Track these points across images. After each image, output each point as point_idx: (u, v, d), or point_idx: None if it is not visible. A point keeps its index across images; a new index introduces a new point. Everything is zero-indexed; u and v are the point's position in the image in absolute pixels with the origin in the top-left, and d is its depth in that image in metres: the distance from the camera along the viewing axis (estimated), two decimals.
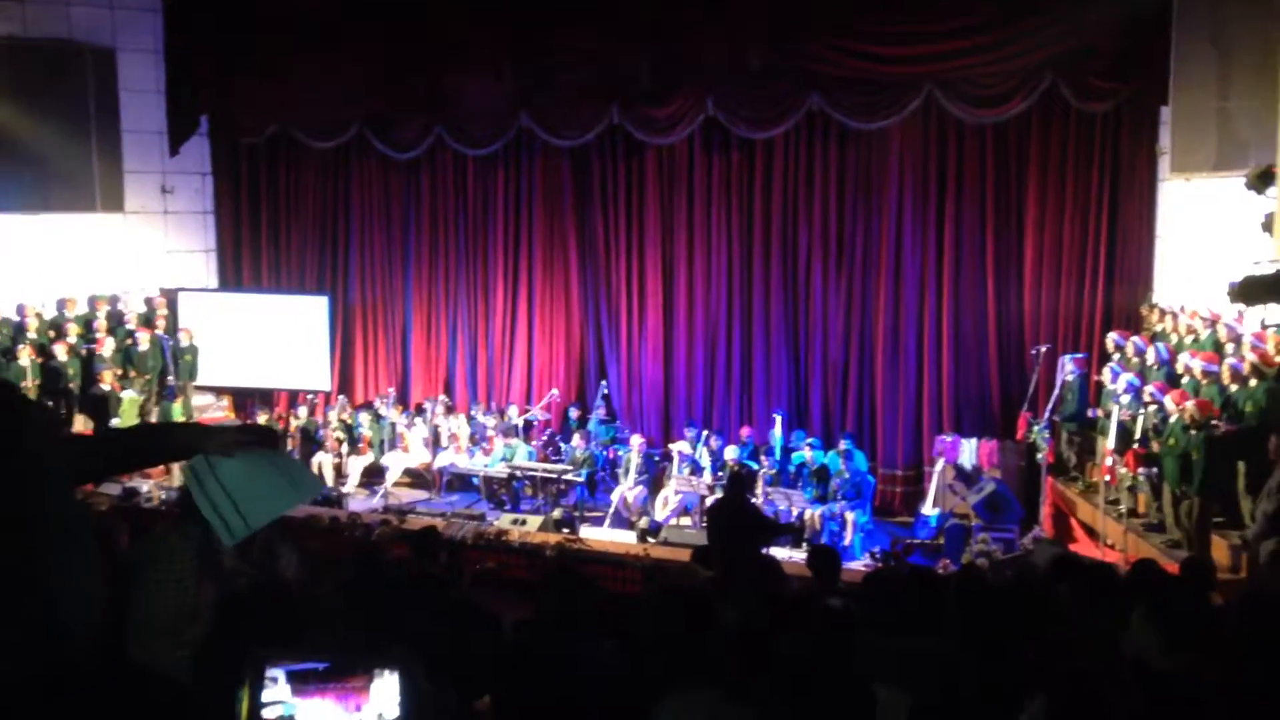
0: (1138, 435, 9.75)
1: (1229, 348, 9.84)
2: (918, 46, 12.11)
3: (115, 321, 14.23)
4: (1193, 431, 8.97)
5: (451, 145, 14.61)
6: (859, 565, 10.15)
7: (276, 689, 2.51)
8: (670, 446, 12.89)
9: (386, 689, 2.54)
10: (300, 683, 2.52)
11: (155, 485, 12.95)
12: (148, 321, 14.50)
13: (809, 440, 12.32)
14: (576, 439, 12.96)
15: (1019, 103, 12.06)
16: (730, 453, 12.22)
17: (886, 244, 13.04)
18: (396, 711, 2.54)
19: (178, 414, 13.87)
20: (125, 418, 13.59)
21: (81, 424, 13.59)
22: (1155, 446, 9.52)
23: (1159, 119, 11.69)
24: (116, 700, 1.46)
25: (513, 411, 14.14)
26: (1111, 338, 11.51)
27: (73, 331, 13.54)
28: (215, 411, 14.49)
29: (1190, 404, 9.06)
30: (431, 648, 2.97)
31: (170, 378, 14.03)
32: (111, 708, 1.45)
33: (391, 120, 14.76)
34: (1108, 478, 10.10)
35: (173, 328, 14.60)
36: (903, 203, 12.96)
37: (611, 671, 3.26)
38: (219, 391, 14.89)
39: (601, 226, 14.29)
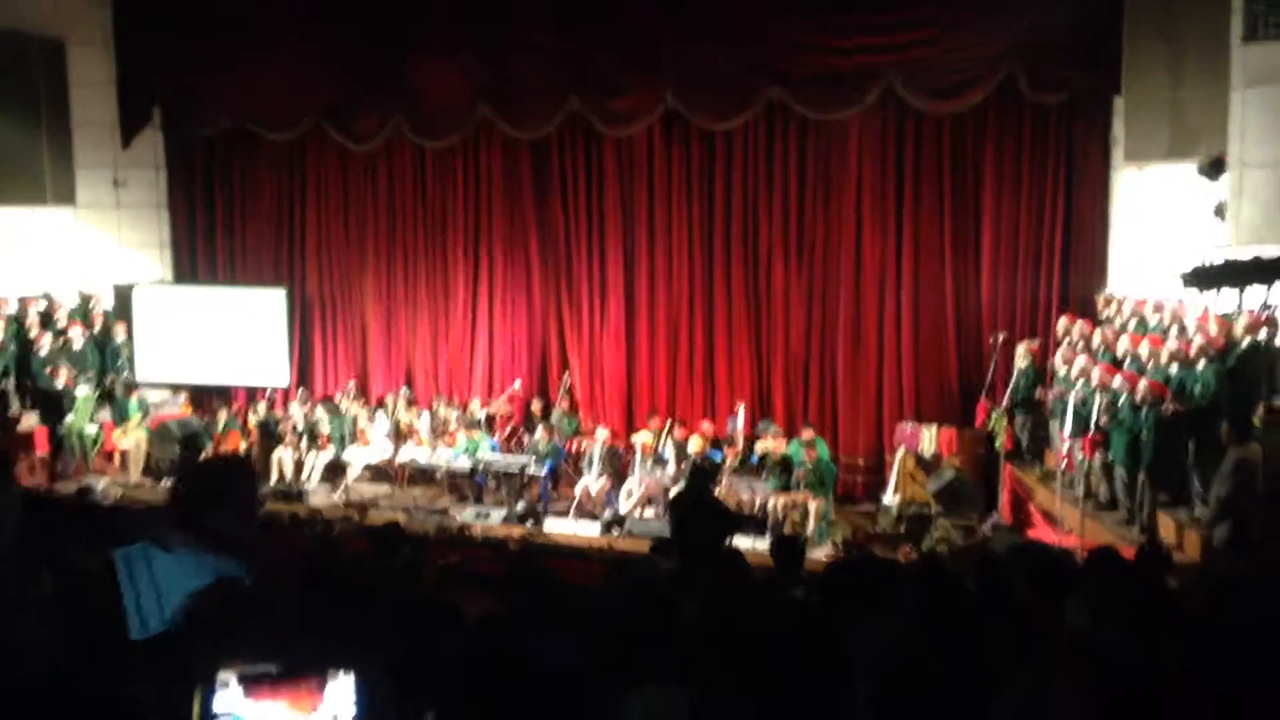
0: (1093, 420, 9.89)
1: (1173, 330, 10.02)
2: (877, 37, 12.18)
3: (46, 319, 14.00)
4: (1143, 411, 9.14)
5: (410, 137, 14.49)
6: (821, 555, 10.20)
7: (228, 693, 2.50)
8: (633, 438, 12.91)
9: (341, 691, 2.53)
10: (252, 686, 2.51)
11: (110, 482, 12.80)
12: (83, 317, 14.29)
13: (772, 429, 12.37)
14: (540, 431, 12.93)
15: (976, 94, 12.17)
16: (694, 444, 12.25)
17: (846, 234, 13.11)
18: (352, 712, 2.53)
19: (134, 411, 13.70)
20: (79, 415, 13.42)
21: (30, 422, 13.41)
22: (1105, 424, 9.69)
23: (1112, 109, 11.85)
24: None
25: (475, 404, 14.08)
26: (1060, 323, 11.67)
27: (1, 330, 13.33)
28: (172, 408, 14.30)
29: (1143, 384, 9.21)
30: (390, 646, 2.96)
31: (110, 376, 13.88)
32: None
33: (349, 112, 14.61)
34: (1064, 463, 10.24)
35: (109, 325, 14.41)
36: (862, 194, 13.03)
37: (574, 668, 3.26)
38: (175, 388, 14.69)
39: (562, 218, 14.24)
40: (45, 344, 13.51)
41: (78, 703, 1.43)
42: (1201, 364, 9.16)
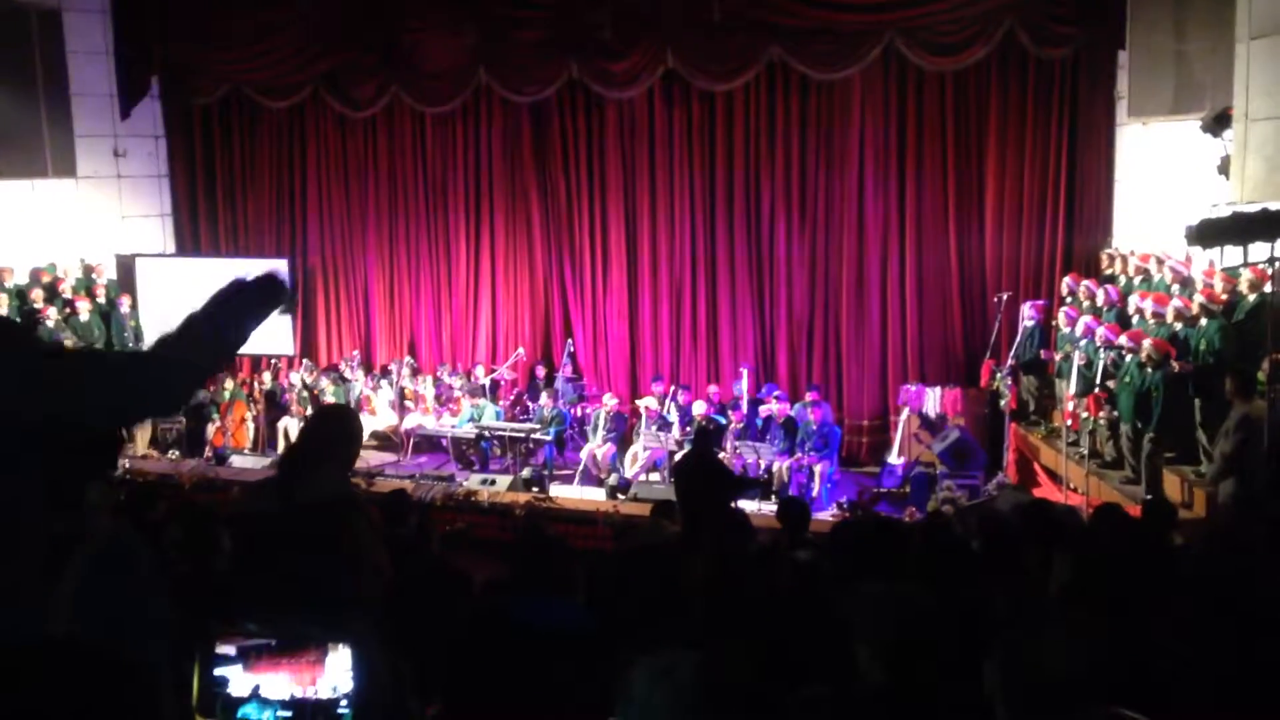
0: (1098, 378, 9.88)
1: (1175, 289, 9.98)
2: None
3: (51, 291, 13.98)
4: (1149, 370, 9.13)
5: (409, 103, 14.41)
6: (826, 516, 10.24)
7: (228, 666, 2.52)
8: (637, 402, 12.92)
9: (341, 662, 2.54)
10: (253, 658, 2.52)
11: None
12: (86, 290, 14.27)
13: (776, 393, 12.38)
14: (544, 398, 12.95)
15: (978, 50, 12.06)
16: (698, 408, 12.26)
17: (849, 195, 13.05)
18: (351, 684, 2.54)
19: None
20: None
21: None
22: (1112, 385, 9.68)
23: (1116, 64, 11.74)
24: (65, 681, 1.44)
25: (479, 371, 14.10)
26: (1065, 283, 11.63)
27: (3, 303, 13.28)
28: None
29: (1148, 343, 9.19)
30: (397, 614, 2.98)
31: (117, 348, 13.83)
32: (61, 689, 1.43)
33: (347, 78, 14.52)
34: (1069, 422, 10.23)
35: (113, 296, 14.39)
36: (864, 154, 12.95)
37: (579, 632, 3.28)
38: None
39: (563, 183, 14.18)
40: (51, 317, 13.49)
41: (89, 668, 1.43)
42: (1204, 321, 9.14)
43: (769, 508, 9.63)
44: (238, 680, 2.52)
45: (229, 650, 2.51)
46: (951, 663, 2.61)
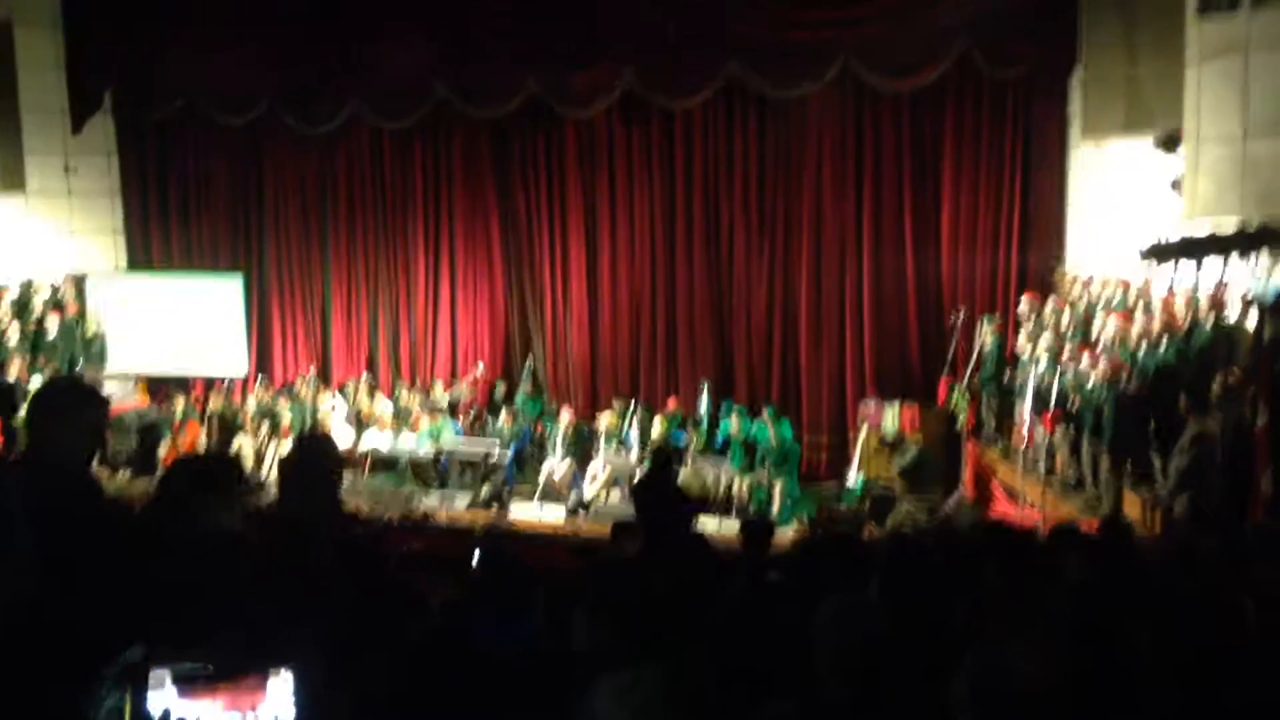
0: (1054, 396, 9.95)
1: (1139, 309, 10.08)
2: (834, 11, 12.15)
3: (21, 307, 13.70)
4: (1103, 389, 9.22)
5: (367, 118, 14.29)
6: (788, 532, 10.23)
7: (162, 694, 2.38)
8: (598, 416, 12.81)
9: (283, 689, 2.43)
10: (188, 685, 2.39)
11: None
12: (57, 306, 14.01)
13: (736, 409, 12.36)
14: (503, 415, 12.85)
15: (933, 71, 12.17)
16: (657, 427, 12.20)
17: (807, 213, 13.14)
18: (293, 713, 2.42)
19: None
20: None
21: None
22: (1076, 403, 9.74)
23: (1069, 84, 11.91)
24: None
25: (437, 389, 13.97)
26: (1024, 300, 11.74)
27: None
28: (129, 398, 14.06)
29: (1102, 362, 9.28)
30: (346, 638, 2.90)
31: (80, 365, 13.58)
32: None
33: (304, 93, 14.35)
34: (1026, 440, 10.29)
35: (82, 313, 14.13)
36: (821, 173, 13.05)
37: (537, 652, 3.22)
38: (133, 378, 14.43)
39: (522, 201, 14.14)
40: (14, 333, 13.16)
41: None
42: (1163, 345, 9.23)
43: (729, 525, 9.62)
44: (173, 710, 2.39)
45: (163, 676, 2.37)
46: (916, 676, 2.58)
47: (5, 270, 14.19)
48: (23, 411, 12.99)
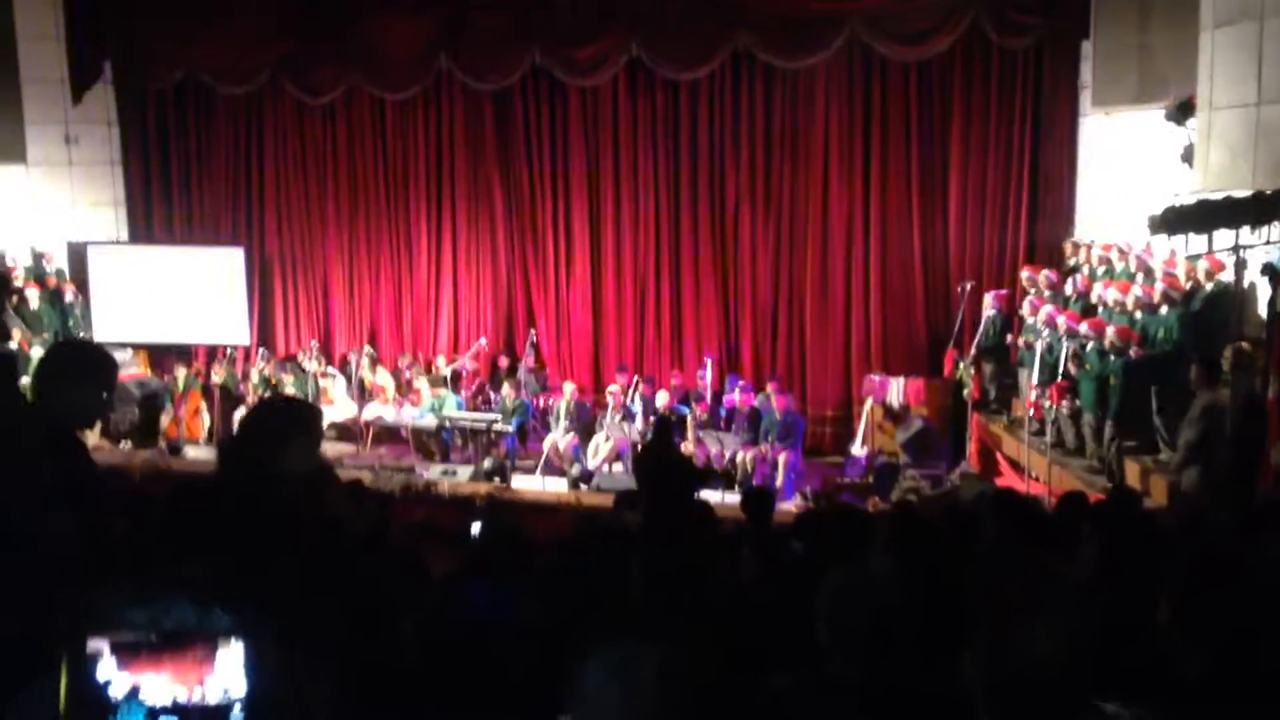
0: (1061, 367, 9.89)
1: (1139, 277, 10.01)
2: None
3: (3, 282, 13.63)
4: (1111, 357, 9.15)
5: (369, 90, 14.17)
6: (790, 506, 10.18)
7: (101, 664, 2.21)
8: (608, 389, 12.73)
9: (233, 660, 2.25)
10: (128, 656, 2.21)
11: None
12: (38, 278, 13.93)
13: (740, 383, 12.30)
14: (506, 388, 12.79)
15: (942, 40, 12.04)
16: (661, 399, 12.15)
17: (813, 185, 13.01)
18: (245, 686, 2.25)
19: None
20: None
21: None
22: (1074, 371, 9.70)
23: (1080, 54, 11.75)
24: None
25: (440, 361, 13.90)
26: (1024, 274, 11.64)
27: None
28: (130, 368, 14.00)
29: (1110, 330, 9.21)
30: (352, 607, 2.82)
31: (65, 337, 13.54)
32: None
33: (306, 64, 14.21)
34: (1032, 411, 10.22)
35: (60, 284, 14.06)
36: (829, 144, 12.91)
37: (534, 625, 3.16)
38: (134, 347, 14.38)
39: (526, 172, 14.01)
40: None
41: None
42: (1164, 309, 9.17)
43: (732, 498, 9.55)
44: (113, 682, 2.21)
45: (101, 646, 2.19)
46: (924, 652, 2.51)
47: (9, 241, 14.11)
48: (25, 380, 13.04)
